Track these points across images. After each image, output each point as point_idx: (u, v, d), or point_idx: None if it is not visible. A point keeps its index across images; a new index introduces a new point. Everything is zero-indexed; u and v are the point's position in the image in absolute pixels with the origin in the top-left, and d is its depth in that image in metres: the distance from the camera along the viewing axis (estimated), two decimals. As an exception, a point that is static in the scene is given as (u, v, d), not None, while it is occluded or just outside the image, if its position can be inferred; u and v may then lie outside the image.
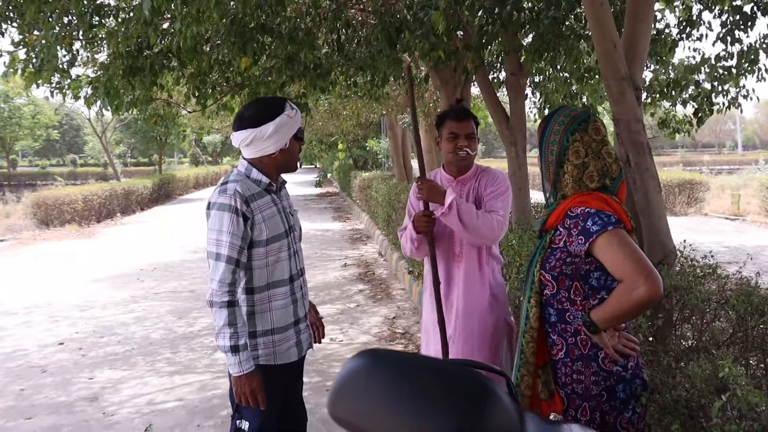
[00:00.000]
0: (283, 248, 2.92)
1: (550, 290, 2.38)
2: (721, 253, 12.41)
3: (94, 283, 10.67)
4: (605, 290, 2.32)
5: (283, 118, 2.84)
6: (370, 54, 5.70)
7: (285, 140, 2.88)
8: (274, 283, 2.90)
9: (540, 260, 2.41)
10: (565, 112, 2.48)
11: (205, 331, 7.49)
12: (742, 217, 18.87)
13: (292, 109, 2.90)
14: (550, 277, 2.37)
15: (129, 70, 5.01)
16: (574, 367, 2.35)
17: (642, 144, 3.97)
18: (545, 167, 2.48)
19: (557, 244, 2.37)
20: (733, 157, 52.69)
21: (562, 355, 2.38)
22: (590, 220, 2.26)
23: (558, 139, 2.42)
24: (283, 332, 2.93)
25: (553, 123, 2.46)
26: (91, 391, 5.74)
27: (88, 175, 51.96)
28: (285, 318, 2.94)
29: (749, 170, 30.79)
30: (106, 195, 22.17)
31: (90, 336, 7.46)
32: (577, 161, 2.38)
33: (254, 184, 2.89)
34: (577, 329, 2.35)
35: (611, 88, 3.96)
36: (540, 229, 2.50)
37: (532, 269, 2.44)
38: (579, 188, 2.37)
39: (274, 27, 5.19)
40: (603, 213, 2.25)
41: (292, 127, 2.89)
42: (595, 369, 2.33)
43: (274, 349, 2.91)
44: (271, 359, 2.91)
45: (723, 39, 5.97)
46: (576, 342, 2.36)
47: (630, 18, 4.15)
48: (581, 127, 2.40)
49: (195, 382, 5.86)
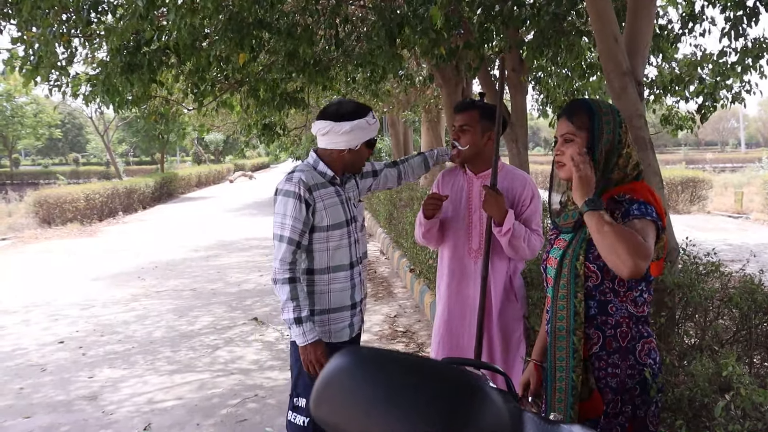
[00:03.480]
0: (344, 236, 3.14)
1: (593, 281, 2.33)
2: (724, 251, 12.38)
3: (95, 282, 10.65)
4: (644, 282, 2.31)
5: (362, 123, 3.07)
6: (369, 50, 5.66)
7: (357, 142, 3.10)
8: (335, 267, 3.12)
9: (582, 252, 2.36)
10: (602, 104, 2.39)
11: (206, 329, 7.46)
12: (745, 215, 18.82)
13: (373, 118, 3.16)
14: (596, 268, 2.32)
15: (127, 67, 4.97)
16: (610, 360, 2.31)
17: (644, 140, 3.92)
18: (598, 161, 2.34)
19: None
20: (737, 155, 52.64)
21: (597, 349, 2.33)
22: (636, 206, 2.25)
23: (612, 134, 2.35)
24: (339, 313, 3.16)
25: (601, 117, 2.36)
26: (91, 389, 5.71)
27: (91, 173, 52.00)
28: (342, 300, 3.16)
29: (752, 168, 30.75)
30: (108, 194, 22.16)
31: (90, 335, 7.44)
32: (625, 151, 2.36)
33: (319, 176, 3.12)
34: (618, 321, 2.32)
35: (613, 83, 3.92)
36: (575, 222, 2.42)
37: (574, 263, 2.37)
38: (625, 177, 2.36)
39: (272, 22, 5.15)
40: (647, 206, 2.24)
41: (367, 133, 3.12)
42: (632, 362, 2.30)
43: (329, 327, 3.14)
44: (325, 337, 3.11)
45: (727, 34, 5.92)
46: (615, 334, 2.32)
47: (631, 12, 4.10)
48: (621, 119, 2.38)
49: (195, 381, 5.83)
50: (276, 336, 7.11)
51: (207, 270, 11.40)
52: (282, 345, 6.77)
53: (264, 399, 5.36)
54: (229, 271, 11.25)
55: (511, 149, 6.65)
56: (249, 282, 10.20)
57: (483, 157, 3.33)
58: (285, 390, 5.52)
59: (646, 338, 2.34)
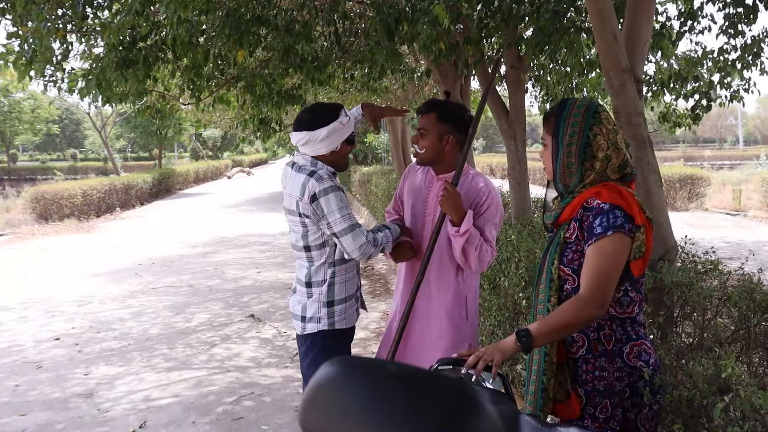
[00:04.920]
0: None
1: (570, 284, 2.33)
2: (722, 249, 12.37)
3: (92, 278, 10.62)
4: (628, 281, 2.28)
5: (336, 125, 3.16)
6: (368, 46, 5.63)
7: (336, 144, 3.20)
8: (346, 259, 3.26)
9: (557, 255, 2.36)
10: (575, 104, 2.40)
11: (203, 326, 7.44)
12: (743, 212, 18.81)
13: (345, 116, 3.24)
14: (570, 271, 2.32)
15: (122, 63, 4.93)
16: (597, 363, 2.30)
17: (643, 137, 3.90)
18: (562, 164, 2.39)
19: (570, 238, 2.33)
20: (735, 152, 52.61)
21: (584, 352, 2.32)
22: (599, 219, 2.22)
23: (578, 135, 2.35)
24: (350, 300, 3.33)
25: (567, 117, 2.38)
26: (86, 387, 5.69)
27: (88, 169, 51.90)
28: (352, 288, 3.34)
29: (750, 165, 30.72)
30: (105, 189, 22.11)
31: (86, 331, 7.41)
32: (601, 155, 2.32)
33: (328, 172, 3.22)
34: (600, 324, 2.30)
35: (612, 80, 3.89)
36: (552, 223, 2.44)
37: (548, 266, 2.38)
38: (599, 180, 2.33)
39: (270, 19, 5.11)
40: (613, 211, 2.21)
41: (343, 133, 3.21)
42: (619, 365, 2.28)
43: (345, 314, 3.30)
44: (343, 323, 3.29)
45: (725, 31, 5.90)
46: (599, 337, 2.31)
47: (631, 10, 4.08)
48: (596, 119, 2.34)
49: (191, 378, 5.81)
50: (273, 333, 7.09)
51: (204, 266, 11.38)
52: (279, 342, 6.75)
53: (260, 397, 5.34)
54: (227, 267, 11.23)
55: (509, 146, 6.63)
56: (246, 279, 10.18)
57: (443, 161, 3.21)
58: (282, 388, 5.51)
59: (635, 340, 2.31)
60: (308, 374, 3.33)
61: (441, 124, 3.14)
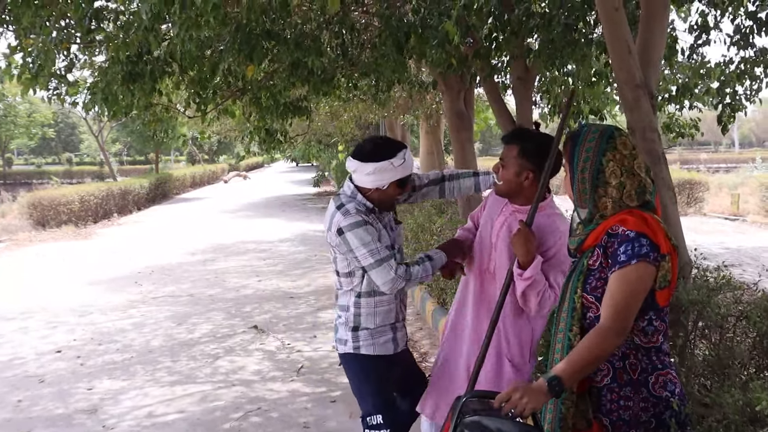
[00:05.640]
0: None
1: (593, 312, 2.29)
2: (723, 255, 12.32)
3: (91, 287, 10.54)
4: (653, 311, 2.24)
5: (385, 164, 3.09)
6: (374, 59, 5.58)
7: (383, 182, 3.13)
8: (380, 291, 3.20)
9: (580, 284, 2.32)
10: (591, 130, 2.39)
11: (205, 338, 7.38)
12: (741, 217, 18.80)
13: (400, 159, 3.15)
14: (593, 299, 2.29)
15: (128, 77, 4.88)
16: (622, 393, 2.26)
17: (657, 153, 3.87)
18: (578, 191, 2.38)
19: (594, 265, 2.30)
20: (730, 155, 52.76)
21: (608, 381, 2.28)
22: (623, 247, 2.19)
23: (591, 161, 2.32)
24: (382, 329, 3.31)
25: (582, 143, 2.36)
26: (90, 402, 5.62)
27: (84, 173, 51.79)
28: (387, 319, 3.32)
29: (746, 169, 30.79)
30: (102, 195, 21.99)
31: (88, 343, 7.34)
32: (615, 182, 2.29)
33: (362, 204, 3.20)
34: (625, 353, 2.27)
35: (626, 95, 3.85)
36: (576, 249, 2.40)
37: (571, 295, 2.34)
38: (620, 208, 2.29)
39: (280, 33, 5.05)
40: (639, 239, 2.18)
41: (393, 174, 3.13)
42: (645, 395, 2.25)
43: (373, 341, 3.29)
44: (370, 350, 3.29)
45: (736, 44, 5.87)
46: (624, 366, 2.27)
47: (644, 23, 4.04)
48: (610, 145, 2.31)
49: (196, 393, 5.74)
50: (277, 345, 7.03)
51: (204, 275, 11.31)
52: (283, 354, 6.69)
53: (267, 412, 5.28)
54: (227, 275, 11.16)
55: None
56: (247, 287, 10.12)
57: (521, 195, 3.08)
58: (288, 403, 5.46)
59: (661, 370, 2.28)
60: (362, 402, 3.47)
61: (522, 158, 3.00)
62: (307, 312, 8.47)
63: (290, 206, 24.78)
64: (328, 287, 9.91)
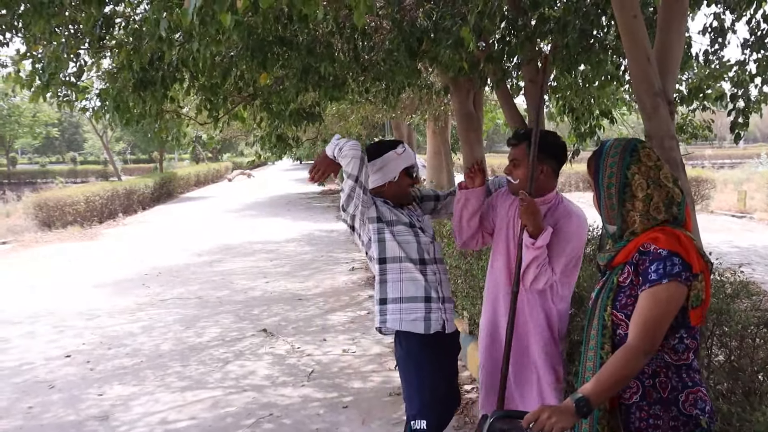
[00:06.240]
0: (410, 233, 3.32)
1: (623, 329, 2.26)
2: (732, 254, 12.29)
3: (98, 289, 10.53)
4: (684, 328, 2.21)
5: (390, 155, 3.34)
6: (388, 65, 5.53)
7: (393, 174, 3.35)
8: (404, 257, 3.29)
9: (609, 301, 2.29)
10: (613, 145, 2.36)
11: (215, 341, 7.35)
12: (749, 214, 18.73)
13: (401, 148, 3.40)
14: (623, 316, 2.26)
15: (140, 84, 4.85)
16: (652, 411, 2.23)
17: (676, 161, 3.83)
18: (606, 207, 2.36)
19: (624, 283, 2.27)
20: (735, 150, 52.47)
21: (638, 399, 2.25)
22: (655, 265, 2.16)
23: (616, 176, 2.30)
24: (410, 303, 3.29)
25: (605, 158, 2.34)
26: (101, 408, 5.59)
27: (88, 173, 51.88)
28: (414, 290, 3.29)
29: (751, 164, 30.69)
30: (108, 195, 22.02)
31: (97, 347, 7.32)
32: (641, 195, 2.26)
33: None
34: (655, 371, 2.24)
35: (644, 103, 3.81)
36: (606, 265, 2.37)
37: (600, 312, 2.31)
38: (648, 222, 2.26)
39: (292, 39, 5.01)
40: (671, 258, 2.15)
41: (399, 162, 3.35)
42: (675, 413, 2.21)
43: (401, 315, 3.28)
44: (396, 324, 3.30)
45: (750, 46, 5.82)
46: (654, 384, 2.24)
47: (662, 29, 3.99)
48: (634, 158, 2.29)
49: (207, 399, 5.72)
50: (286, 349, 7.00)
51: (212, 276, 11.28)
52: (293, 359, 6.66)
53: (279, 419, 5.25)
54: (234, 277, 11.14)
55: (526, 160, 6.52)
56: (255, 289, 10.09)
57: (537, 188, 3.14)
58: (300, 409, 5.43)
59: (691, 388, 2.24)
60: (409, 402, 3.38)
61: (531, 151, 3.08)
62: (316, 314, 8.44)
63: (295, 205, 24.77)
64: (336, 289, 9.88)
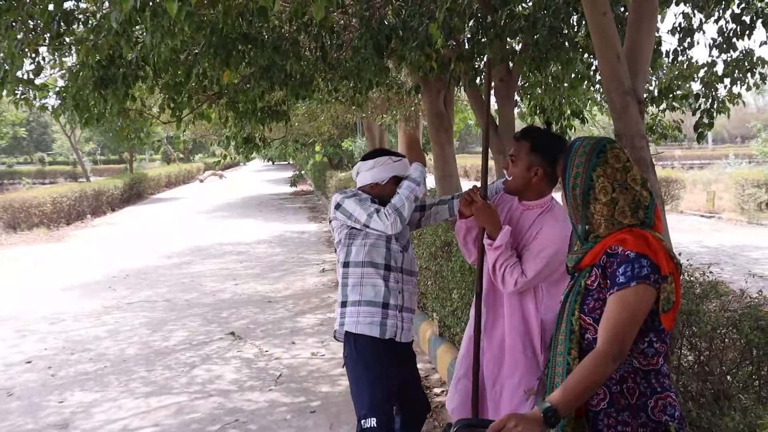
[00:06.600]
0: (381, 238, 3.34)
1: (592, 334, 2.19)
2: (701, 254, 12.40)
3: (64, 292, 10.31)
4: (653, 332, 2.14)
5: (385, 159, 3.45)
6: (355, 62, 5.44)
7: (382, 177, 3.42)
8: (369, 263, 3.32)
9: (577, 305, 2.22)
10: (582, 144, 2.29)
11: (182, 345, 7.21)
12: (717, 214, 18.93)
13: (398, 158, 3.49)
14: (591, 320, 2.19)
15: (100, 82, 4.70)
16: (620, 418, 2.16)
17: (646, 161, 3.79)
18: (571, 207, 2.29)
19: (592, 286, 2.20)
20: (704, 151, 53.15)
21: (605, 405, 2.18)
22: (623, 268, 2.09)
23: (581, 177, 2.23)
24: (369, 307, 3.31)
25: (573, 158, 2.27)
26: (61, 416, 5.43)
27: (57, 173, 51.16)
28: (373, 295, 3.32)
29: (720, 165, 31.07)
30: (75, 196, 21.64)
31: (60, 353, 7.13)
32: (605, 198, 2.19)
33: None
34: (623, 376, 2.17)
35: (614, 102, 3.76)
36: (573, 267, 2.30)
37: (568, 317, 2.24)
38: (613, 226, 2.19)
39: (257, 36, 4.89)
40: (639, 260, 2.08)
41: (391, 168, 3.43)
42: (643, 420, 2.15)
43: (358, 318, 3.32)
44: (352, 326, 3.33)
45: (718, 46, 5.83)
46: (622, 390, 2.17)
47: (632, 28, 3.95)
48: (601, 160, 2.22)
49: (172, 405, 5.58)
50: (254, 352, 6.88)
51: (180, 279, 11.10)
52: (261, 362, 6.54)
53: (245, 425, 5.14)
54: (204, 279, 10.97)
55: (496, 160, 6.49)
56: (225, 292, 9.94)
57: (531, 191, 3.08)
58: (267, 414, 5.32)
59: (660, 393, 2.18)
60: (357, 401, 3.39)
61: (533, 154, 3.02)
62: (286, 317, 8.32)
63: (267, 206, 24.58)
64: (306, 291, 9.77)
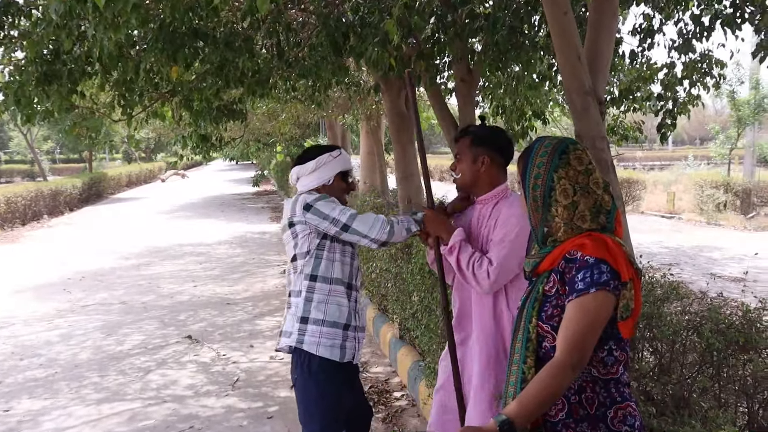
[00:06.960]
0: (347, 253, 3.26)
1: (549, 342, 2.11)
2: (662, 254, 12.52)
3: (16, 295, 10.01)
4: (613, 340, 2.07)
5: (325, 157, 3.26)
6: (313, 60, 5.32)
7: (327, 177, 3.26)
8: (336, 279, 3.20)
9: (535, 312, 2.13)
10: (544, 143, 2.21)
11: (137, 349, 7.01)
12: (677, 215, 19.19)
13: (337, 151, 3.34)
14: (549, 328, 2.11)
15: (44, 77, 4.50)
16: (578, 428, 2.08)
17: (606, 162, 3.74)
18: (531, 209, 2.20)
19: (550, 292, 2.12)
20: (664, 153, 54.00)
21: (563, 416, 2.10)
22: (582, 274, 2.02)
23: (542, 178, 2.15)
24: (332, 328, 3.17)
25: (534, 158, 2.19)
26: (7, 426, 5.21)
27: (14, 172, 50.07)
28: (337, 315, 3.19)
29: (679, 166, 31.55)
30: (31, 196, 21.12)
31: (8, 358, 6.89)
32: (566, 201, 2.11)
33: None
34: (581, 386, 2.09)
35: (575, 103, 3.71)
36: (531, 272, 2.22)
37: (525, 324, 2.16)
38: (572, 231, 2.11)
39: (209, 32, 4.74)
40: (599, 266, 2.01)
41: (334, 165, 3.28)
42: (603, 431, 2.08)
43: (320, 339, 3.15)
44: (313, 348, 3.14)
45: (677, 48, 5.84)
46: (580, 400, 2.09)
47: (593, 28, 3.90)
48: (563, 161, 2.14)
49: (125, 411, 5.41)
50: (212, 356, 6.72)
51: (138, 280, 10.86)
52: (218, 367, 6.39)
53: (200, 431, 5.00)
54: (162, 281, 10.75)
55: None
56: (183, 294, 9.74)
57: (480, 182, 3.10)
58: (223, 420, 5.18)
59: (620, 403, 2.11)
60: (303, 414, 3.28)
61: (475, 147, 3.06)
62: (245, 319, 8.17)
63: (229, 206, 24.32)
64: (266, 293, 9.63)
